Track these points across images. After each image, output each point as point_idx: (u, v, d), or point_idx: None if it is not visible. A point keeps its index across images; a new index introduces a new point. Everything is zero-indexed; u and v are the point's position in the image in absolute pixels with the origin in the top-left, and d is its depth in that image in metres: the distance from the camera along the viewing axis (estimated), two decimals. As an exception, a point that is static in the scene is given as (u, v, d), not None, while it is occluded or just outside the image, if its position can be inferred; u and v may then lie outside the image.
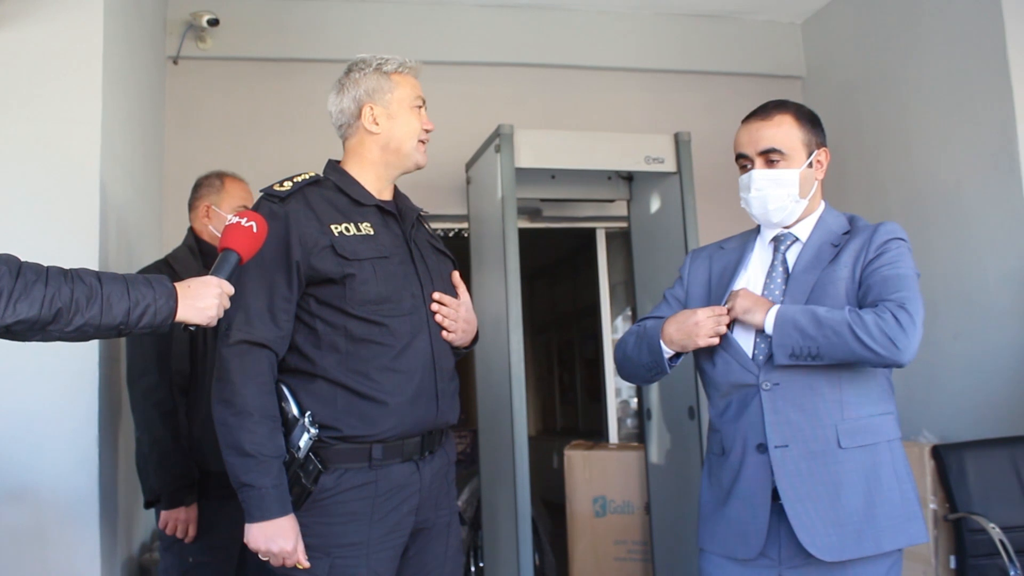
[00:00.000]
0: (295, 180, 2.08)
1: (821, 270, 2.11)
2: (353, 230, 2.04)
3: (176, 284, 1.67)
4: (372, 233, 2.06)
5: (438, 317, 2.10)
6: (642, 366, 2.24)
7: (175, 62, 4.45)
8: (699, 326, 2.10)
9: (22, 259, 1.55)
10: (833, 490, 2.01)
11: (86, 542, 2.76)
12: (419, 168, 2.21)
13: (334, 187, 2.13)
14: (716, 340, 2.10)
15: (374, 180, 2.17)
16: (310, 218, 2.01)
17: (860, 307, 2.04)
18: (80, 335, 1.58)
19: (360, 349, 1.98)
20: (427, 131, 2.19)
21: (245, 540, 1.93)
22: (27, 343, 1.60)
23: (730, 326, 2.12)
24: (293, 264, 1.98)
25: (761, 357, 2.08)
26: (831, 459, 2.03)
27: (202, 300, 1.68)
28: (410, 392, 2.01)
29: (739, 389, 2.11)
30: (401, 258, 2.09)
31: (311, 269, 1.99)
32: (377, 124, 2.15)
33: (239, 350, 1.94)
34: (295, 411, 1.97)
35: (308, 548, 1.95)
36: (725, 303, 2.14)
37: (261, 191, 2.07)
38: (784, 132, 2.14)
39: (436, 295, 2.11)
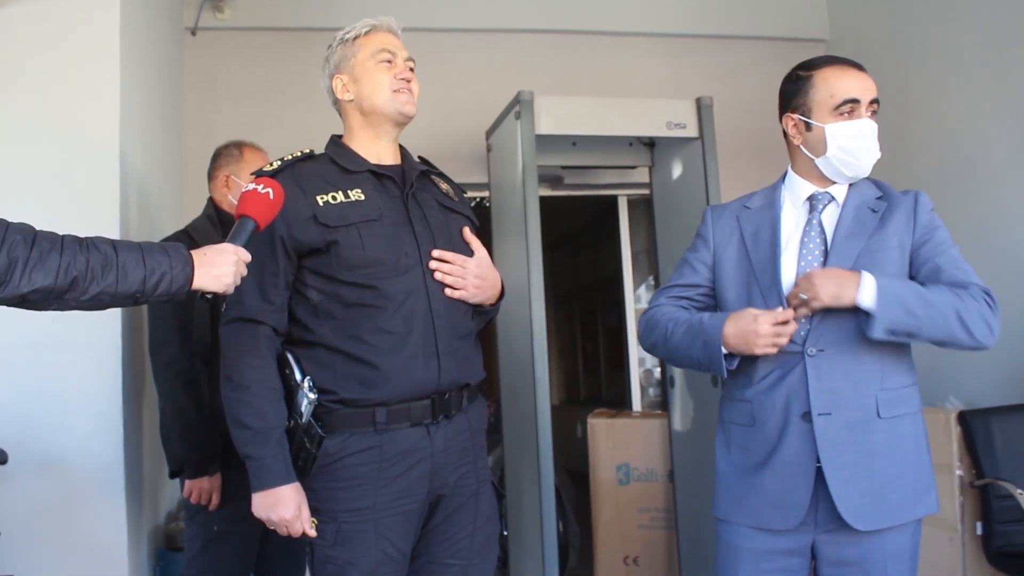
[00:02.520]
0: (285, 159, 2.09)
1: (868, 236, 2.05)
2: (340, 198, 2.04)
3: (192, 252, 1.67)
4: (362, 198, 2.05)
5: (438, 275, 2.06)
6: (692, 360, 2.14)
7: (193, 33, 4.45)
8: (759, 336, 1.97)
9: (37, 228, 1.54)
10: (869, 460, 1.99)
11: (112, 512, 2.79)
12: (407, 117, 2.14)
13: (328, 159, 2.13)
14: (774, 350, 1.99)
15: (369, 146, 2.16)
16: (295, 193, 2.00)
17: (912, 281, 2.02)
18: (96, 303, 1.58)
19: (354, 314, 1.99)
20: (404, 80, 2.13)
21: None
22: (47, 314, 1.60)
23: (795, 307, 2.00)
24: (277, 239, 1.99)
25: (802, 321, 2.02)
26: (869, 428, 2.00)
27: (218, 268, 1.67)
28: (404, 353, 1.99)
29: (780, 356, 2.04)
30: (394, 219, 2.06)
31: (296, 242, 2.00)
32: (348, 91, 2.15)
33: (233, 327, 2.01)
34: (298, 378, 1.99)
35: (317, 513, 1.98)
36: (796, 285, 2.01)
37: (252, 173, 2.06)
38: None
39: (436, 252, 2.07)
